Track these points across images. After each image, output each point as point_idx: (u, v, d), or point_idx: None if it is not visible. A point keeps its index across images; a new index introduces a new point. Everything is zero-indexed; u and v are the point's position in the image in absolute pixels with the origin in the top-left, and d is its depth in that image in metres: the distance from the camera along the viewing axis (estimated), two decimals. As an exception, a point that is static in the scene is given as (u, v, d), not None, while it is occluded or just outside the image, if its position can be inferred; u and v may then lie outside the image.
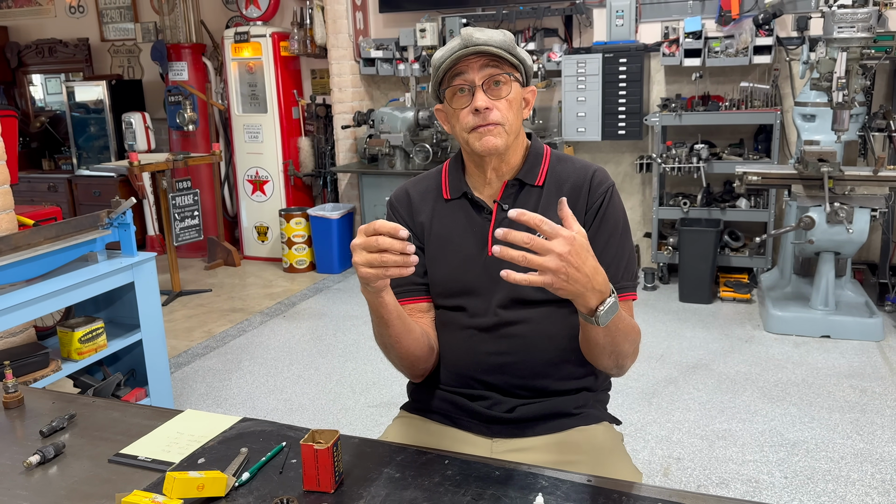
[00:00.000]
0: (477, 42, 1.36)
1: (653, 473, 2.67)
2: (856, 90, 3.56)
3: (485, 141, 1.38)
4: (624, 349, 1.32)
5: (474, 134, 1.38)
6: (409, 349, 1.41)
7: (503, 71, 1.38)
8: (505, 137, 1.39)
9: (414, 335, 1.41)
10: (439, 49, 1.41)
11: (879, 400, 3.17)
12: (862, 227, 3.70)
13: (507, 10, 4.92)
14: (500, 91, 1.38)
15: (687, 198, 4.72)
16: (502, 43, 1.38)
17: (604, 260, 1.40)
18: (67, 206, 6.42)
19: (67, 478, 1.22)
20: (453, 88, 1.39)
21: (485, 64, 1.37)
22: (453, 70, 1.38)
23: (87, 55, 6.84)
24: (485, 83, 1.37)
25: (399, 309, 1.35)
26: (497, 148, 1.39)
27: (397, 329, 1.35)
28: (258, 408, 3.33)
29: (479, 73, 1.37)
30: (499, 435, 1.46)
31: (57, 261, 2.62)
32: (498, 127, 1.38)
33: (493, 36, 1.38)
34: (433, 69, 1.42)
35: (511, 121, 1.39)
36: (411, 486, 1.13)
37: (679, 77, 4.86)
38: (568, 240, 1.09)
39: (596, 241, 1.41)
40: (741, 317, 4.28)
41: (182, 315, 4.67)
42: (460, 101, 1.39)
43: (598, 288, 1.15)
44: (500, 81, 1.38)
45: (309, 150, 5.82)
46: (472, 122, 1.38)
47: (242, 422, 1.37)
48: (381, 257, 1.14)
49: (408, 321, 1.39)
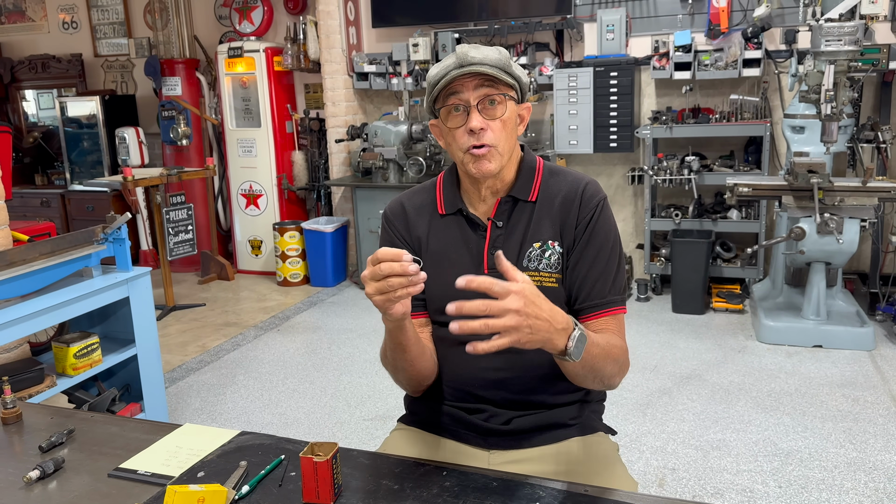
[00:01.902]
0: (472, 61, 1.35)
1: (648, 484, 2.68)
2: (844, 102, 3.61)
3: (479, 165, 1.38)
4: (606, 371, 1.32)
5: (468, 156, 1.39)
6: (421, 371, 1.43)
7: (499, 91, 1.38)
8: (499, 160, 1.40)
9: (426, 356, 1.43)
10: (434, 65, 1.42)
11: (872, 409, 3.19)
12: (852, 238, 3.74)
13: (499, 25, 4.96)
14: (496, 111, 1.38)
15: (678, 209, 4.75)
16: (497, 62, 1.37)
17: (592, 274, 1.42)
18: (60, 221, 6.40)
19: (67, 492, 1.22)
20: (448, 107, 1.40)
21: (480, 84, 1.36)
22: (448, 88, 1.38)
23: (80, 70, 6.85)
24: (479, 103, 1.37)
25: (416, 335, 1.36)
26: (491, 172, 1.39)
27: (414, 354, 1.37)
28: (253, 422, 3.32)
29: (474, 93, 1.36)
30: (496, 447, 1.47)
31: (52, 276, 2.62)
32: (491, 150, 1.38)
33: (488, 54, 1.37)
34: (428, 86, 1.42)
35: (504, 142, 1.39)
36: (410, 497, 1.14)
37: (669, 90, 4.91)
38: (519, 294, 1.08)
39: (585, 254, 1.42)
40: (734, 327, 4.30)
41: (176, 329, 4.67)
42: (455, 121, 1.39)
43: (561, 327, 1.15)
44: (495, 101, 1.37)
45: (303, 163, 5.84)
46: (467, 142, 1.38)
47: (241, 435, 1.38)
48: (388, 282, 1.15)
49: (422, 344, 1.41)
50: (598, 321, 1.42)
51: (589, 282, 1.42)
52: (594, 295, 1.42)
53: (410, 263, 1.14)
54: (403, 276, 1.15)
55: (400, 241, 1.52)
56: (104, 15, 6.74)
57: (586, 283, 1.42)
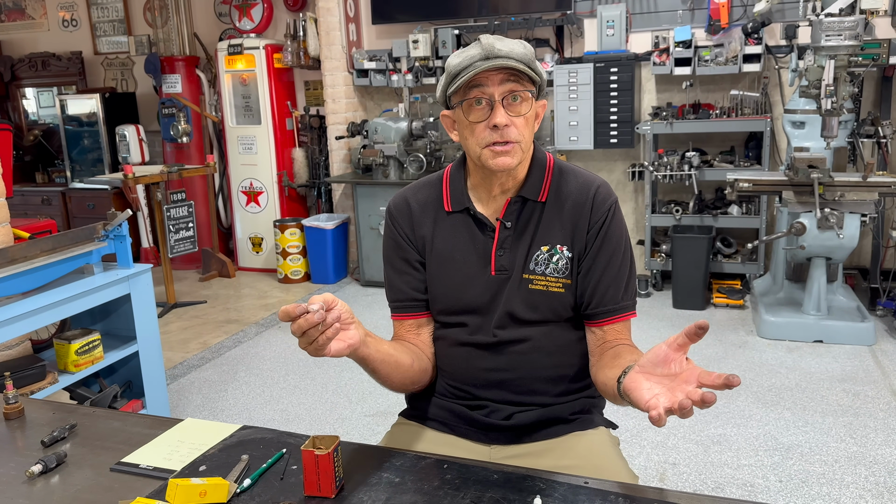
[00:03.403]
0: (499, 54, 1.29)
1: (649, 479, 2.68)
2: (844, 97, 3.60)
3: (499, 161, 1.33)
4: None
5: (488, 151, 1.34)
6: (400, 382, 1.41)
7: (524, 87, 1.32)
8: (520, 155, 1.35)
9: (402, 368, 1.39)
10: (455, 54, 1.35)
11: (872, 403, 3.20)
12: (852, 233, 3.74)
13: (499, 21, 4.96)
14: (520, 107, 1.33)
15: (679, 205, 4.75)
16: (523, 56, 1.32)
17: (605, 279, 1.40)
18: (61, 218, 6.41)
19: (70, 486, 1.23)
20: (470, 100, 1.33)
21: (505, 78, 1.31)
22: (471, 81, 1.31)
23: (80, 68, 6.85)
24: (504, 98, 1.31)
25: (382, 353, 1.32)
26: (510, 166, 1.35)
27: (385, 372, 1.35)
28: (255, 418, 3.33)
29: (500, 88, 1.31)
30: (497, 442, 1.47)
31: (53, 273, 2.62)
32: (515, 146, 1.33)
33: (514, 48, 1.31)
34: (447, 75, 1.36)
35: (527, 138, 1.36)
36: (411, 490, 1.15)
37: (670, 86, 4.91)
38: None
39: (598, 259, 1.40)
40: (734, 323, 4.30)
41: (177, 327, 4.67)
42: (477, 114, 1.33)
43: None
44: (519, 97, 1.32)
45: (303, 160, 5.84)
46: (488, 137, 1.33)
47: (242, 429, 1.38)
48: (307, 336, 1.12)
49: (395, 358, 1.37)
50: (610, 328, 1.41)
51: (602, 287, 1.40)
52: (607, 300, 1.40)
53: (315, 313, 1.10)
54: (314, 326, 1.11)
55: (404, 240, 1.50)
56: (104, 13, 6.74)
57: (599, 289, 1.40)
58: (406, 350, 1.43)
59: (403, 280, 1.51)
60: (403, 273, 1.51)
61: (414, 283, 1.50)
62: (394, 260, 1.52)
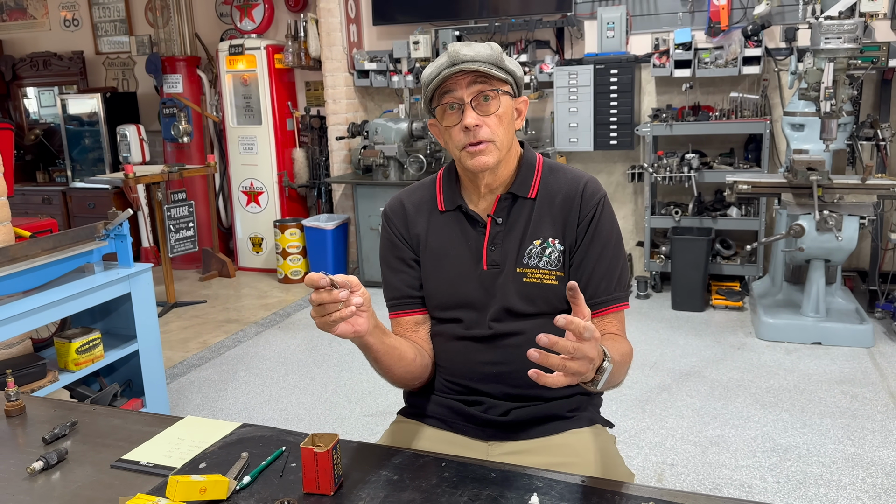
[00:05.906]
0: (463, 59, 1.36)
1: (647, 479, 2.69)
2: (843, 100, 3.61)
3: (476, 160, 1.39)
4: (618, 381, 1.34)
5: (465, 153, 1.40)
6: (401, 376, 1.43)
7: (492, 87, 1.38)
8: (496, 154, 1.40)
9: (405, 362, 1.42)
10: (428, 65, 1.42)
11: (870, 405, 3.21)
12: (851, 235, 3.75)
13: (500, 23, 4.97)
14: (490, 107, 1.38)
15: (678, 207, 4.76)
16: (489, 58, 1.38)
17: (597, 272, 1.43)
18: (62, 218, 6.41)
19: (70, 483, 1.24)
20: (443, 106, 1.40)
21: (473, 80, 1.37)
22: (442, 87, 1.38)
23: (81, 68, 6.87)
24: (473, 99, 1.37)
25: (387, 345, 1.35)
26: (488, 165, 1.40)
27: (386, 363, 1.37)
28: (254, 418, 3.34)
29: (468, 90, 1.37)
30: (494, 438, 1.48)
31: (54, 272, 2.63)
32: (489, 144, 1.38)
33: (480, 51, 1.38)
34: (423, 86, 1.43)
35: (501, 136, 1.40)
36: (409, 487, 1.16)
37: (669, 88, 4.92)
38: (594, 343, 1.08)
39: (590, 252, 1.44)
40: (733, 324, 4.31)
41: (177, 326, 4.68)
42: (451, 119, 1.40)
43: (597, 363, 1.13)
44: (488, 97, 1.38)
45: (303, 161, 5.85)
46: (463, 139, 1.39)
47: (242, 427, 1.39)
48: (325, 310, 1.15)
49: (398, 351, 1.39)
50: (602, 319, 1.43)
51: (594, 280, 1.43)
52: (600, 292, 1.44)
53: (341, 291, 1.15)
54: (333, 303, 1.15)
55: (399, 239, 1.54)
56: (105, 12, 6.75)
57: (591, 282, 1.43)
58: (410, 345, 1.46)
59: (399, 278, 1.54)
60: (399, 271, 1.54)
61: (409, 281, 1.53)
62: (389, 259, 1.55)
